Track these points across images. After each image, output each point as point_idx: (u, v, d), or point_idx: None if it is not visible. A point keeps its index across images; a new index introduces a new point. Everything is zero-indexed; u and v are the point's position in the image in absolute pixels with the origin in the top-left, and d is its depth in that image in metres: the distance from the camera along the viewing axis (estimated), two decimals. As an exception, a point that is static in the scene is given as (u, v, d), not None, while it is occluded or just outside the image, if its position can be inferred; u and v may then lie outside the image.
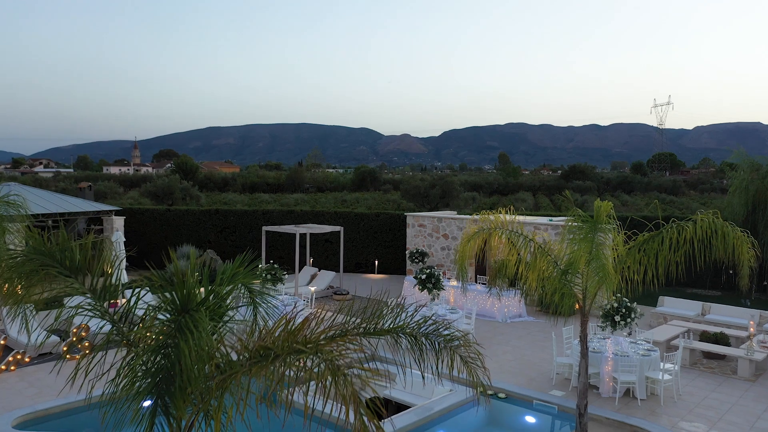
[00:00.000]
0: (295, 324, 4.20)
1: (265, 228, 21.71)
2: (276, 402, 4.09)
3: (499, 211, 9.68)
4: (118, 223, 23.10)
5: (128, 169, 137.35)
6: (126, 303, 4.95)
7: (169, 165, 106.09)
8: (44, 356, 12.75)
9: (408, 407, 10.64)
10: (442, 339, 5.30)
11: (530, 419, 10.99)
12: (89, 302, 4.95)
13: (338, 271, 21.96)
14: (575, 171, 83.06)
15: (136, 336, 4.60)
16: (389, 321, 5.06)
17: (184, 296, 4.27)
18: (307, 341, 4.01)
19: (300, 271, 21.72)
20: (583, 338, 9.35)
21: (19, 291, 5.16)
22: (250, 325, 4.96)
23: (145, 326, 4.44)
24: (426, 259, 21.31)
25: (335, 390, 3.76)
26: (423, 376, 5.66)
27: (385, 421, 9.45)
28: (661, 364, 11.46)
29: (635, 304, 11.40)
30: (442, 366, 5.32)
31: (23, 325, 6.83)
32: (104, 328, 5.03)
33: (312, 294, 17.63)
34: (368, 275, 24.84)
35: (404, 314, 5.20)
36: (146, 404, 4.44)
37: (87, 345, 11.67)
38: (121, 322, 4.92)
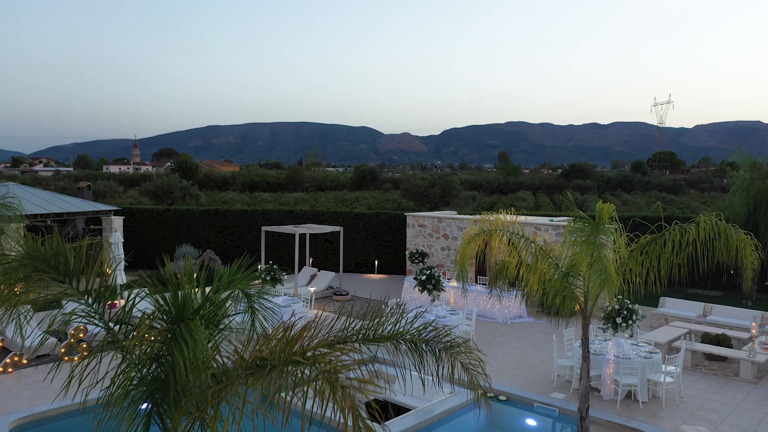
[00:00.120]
0: (293, 332, 4.12)
1: (265, 228, 21.63)
2: (274, 410, 4.02)
3: (500, 212, 9.59)
4: (117, 224, 23.01)
5: (128, 168, 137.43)
6: (122, 308, 4.87)
7: (169, 164, 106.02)
8: (42, 358, 12.66)
9: (408, 410, 10.56)
10: (443, 346, 5.22)
11: (531, 422, 10.91)
12: (83, 308, 4.86)
13: (338, 272, 21.87)
14: (575, 170, 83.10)
15: (131, 343, 4.52)
16: (389, 327, 4.97)
17: (179, 304, 4.18)
18: (305, 350, 3.93)
19: (299, 272, 21.63)
20: (585, 341, 9.26)
21: (17, 291, 5.08)
22: (248, 333, 4.87)
23: (140, 335, 4.36)
24: (426, 260, 21.21)
25: (333, 403, 3.68)
26: (423, 383, 5.58)
27: (385, 424, 9.36)
28: (663, 367, 11.38)
29: (637, 306, 11.31)
30: (443, 372, 5.25)
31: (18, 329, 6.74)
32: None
33: (312, 294, 17.54)
34: (368, 275, 24.74)
35: (404, 320, 5.12)
36: (143, 407, 4.37)
37: (85, 346, 11.59)
38: (117, 328, 4.83)
